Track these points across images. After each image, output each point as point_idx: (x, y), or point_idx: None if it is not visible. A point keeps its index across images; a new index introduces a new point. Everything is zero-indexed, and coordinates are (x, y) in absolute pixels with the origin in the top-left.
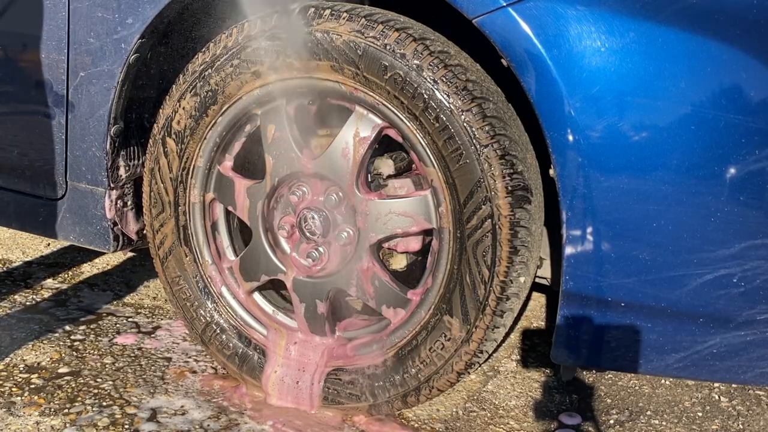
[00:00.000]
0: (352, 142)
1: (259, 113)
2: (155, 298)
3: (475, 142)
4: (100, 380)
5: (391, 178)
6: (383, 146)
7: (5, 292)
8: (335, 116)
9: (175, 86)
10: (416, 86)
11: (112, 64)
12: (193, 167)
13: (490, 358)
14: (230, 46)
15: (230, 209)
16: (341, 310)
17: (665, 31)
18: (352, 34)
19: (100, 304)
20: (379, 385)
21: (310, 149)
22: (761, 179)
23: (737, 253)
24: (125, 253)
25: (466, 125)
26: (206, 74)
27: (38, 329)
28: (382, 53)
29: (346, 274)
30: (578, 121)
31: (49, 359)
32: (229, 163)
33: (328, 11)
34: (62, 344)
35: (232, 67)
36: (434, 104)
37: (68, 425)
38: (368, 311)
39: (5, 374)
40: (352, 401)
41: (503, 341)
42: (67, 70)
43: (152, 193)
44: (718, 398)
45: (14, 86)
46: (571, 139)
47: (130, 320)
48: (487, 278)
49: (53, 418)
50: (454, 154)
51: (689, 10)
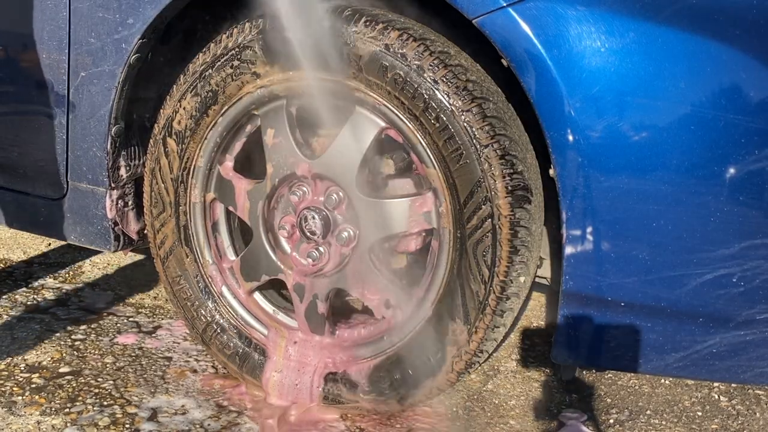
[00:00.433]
0: (352, 142)
1: (259, 114)
2: (156, 297)
3: (475, 142)
4: (100, 380)
5: (391, 178)
6: (383, 146)
7: (6, 291)
8: (335, 116)
9: (175, 86)
10: (416, 86)
11: (113, 64)
12: (193, 167)
13: (490, 357)
14: (231, 46)
15: (231, 209)
16: (341, 309)
17: (665, 31)
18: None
19: (100, 303)
20: (379, 384)
21: (310, 149)
22: (761, 179)
23: (737, 252)
24: (126, 253)
25: (466, 125)
26: (207, 74)
27: (39, 329)
28: (382, 53)
29: (346, 273)
30: (578, 121)
31: (50, 359)
32: (229, 163)
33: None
34: (63, 344)
35: (232, 68)
36: (434, 104)
37: (69, 425)
38: (368, 311)
39: (6, 374)
40: (352, 400)
41: (503, 341)
42: (68, 70)
43: (153, 193)
44: (717, 398)
45: (15, 86)
46: (571, 139)
47: (130, 320)
48: (487, 278)
49: (54, 417)
50: (454, 154)
51: (689, 10)
